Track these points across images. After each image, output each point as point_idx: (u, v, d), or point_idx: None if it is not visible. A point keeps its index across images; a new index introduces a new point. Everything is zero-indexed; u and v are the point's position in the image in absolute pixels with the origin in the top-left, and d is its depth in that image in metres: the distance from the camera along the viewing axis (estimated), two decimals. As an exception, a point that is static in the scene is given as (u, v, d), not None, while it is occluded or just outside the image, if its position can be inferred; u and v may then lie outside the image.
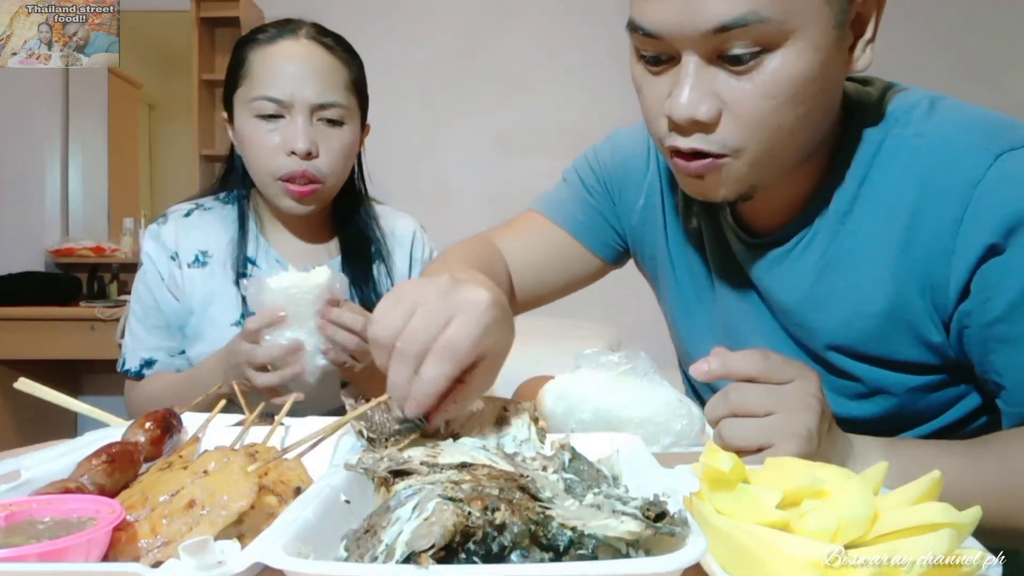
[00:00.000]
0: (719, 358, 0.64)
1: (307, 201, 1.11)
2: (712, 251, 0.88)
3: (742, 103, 0.64)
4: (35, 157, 3.38)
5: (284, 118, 1.08)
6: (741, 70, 0.63)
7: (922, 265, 0.70)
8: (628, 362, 0.76)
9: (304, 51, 1.10)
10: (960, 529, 0.42)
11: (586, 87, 3.26)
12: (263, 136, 1.08)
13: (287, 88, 1.07)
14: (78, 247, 3.35)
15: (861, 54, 0.68)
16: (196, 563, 0.40)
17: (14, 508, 0.48)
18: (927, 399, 0.76)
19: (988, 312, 0.68)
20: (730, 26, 0.61)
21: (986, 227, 0.66)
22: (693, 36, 0.63)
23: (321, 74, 1.09)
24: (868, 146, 0.74)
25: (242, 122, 1.11)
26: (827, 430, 0.64)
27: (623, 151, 0.98)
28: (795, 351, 0.80)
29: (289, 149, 1.07)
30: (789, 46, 0.62)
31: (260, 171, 1.11)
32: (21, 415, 3.06)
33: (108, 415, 0.76)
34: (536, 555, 0.40)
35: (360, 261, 1.20)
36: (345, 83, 1.12)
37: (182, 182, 3.48)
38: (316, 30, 1.13)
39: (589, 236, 1.00)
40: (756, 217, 0.81)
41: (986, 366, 0.71)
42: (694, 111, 0.65)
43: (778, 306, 0.81)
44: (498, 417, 0.65)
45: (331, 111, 1.09)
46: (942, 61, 3.11)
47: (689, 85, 0.64)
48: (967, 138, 0.69)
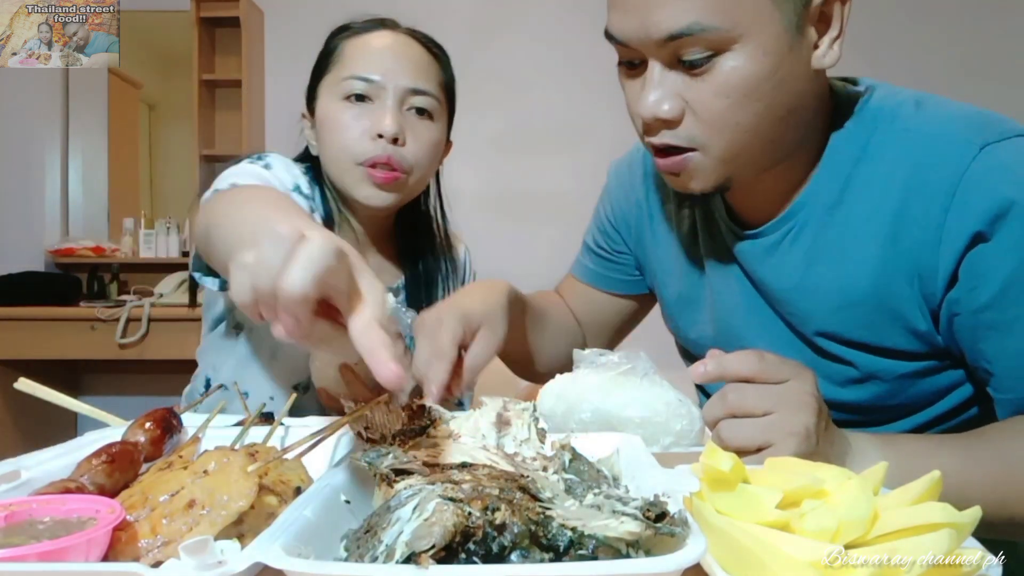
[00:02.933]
0: (715, 360, 0.66)
1: (389, 188, 1.03)
2: (706, 245, 0.91)
3: (701, 102, 0.70)
4: (35, 157, 3.37)
5: (373, 102, 1.03)
6: (697, 72, 0.69)
7: (910, 254, 0.73)
8: (628, 362, 0.76)
9: (401, 40, 1.06)
10: (960, 529, 0.42)
11: (586, 87, 3.26)
12: (349, 120, 1.02)
13: (380, 68, 1.02)
14: (78, 247, 3.35)
15: (828, 51, 0.71)
16: (196, 563, 0.40)
17: (14, 508, 0.48)
18: (917, 386, 0.79)
19: (976, 299, 0.70)
20: (678, 35, 0.67)
21: (972, 216, 0.68)
22: (651, 44, 0.69)
23: (416, 63, 1.05)
24: (856, 141, 0.77)
25: (327, 107, 1.04)
26: (824, 428, 0.64)
27: (617, 186, 1.06)
28: (788, 337, 0.83)
29: (376, 132, 1.01)
30: (739, 49, 0.68)
31: (341, 157, 1.03)
32: (21, 415, 3.06)
33: (108, 415, 0.76)
34: (536, 555, 0.40)
35: (427, 293, 1.13)
36: (438, 79, 1.08)
37: (182, 182, 3.49)
38: (411, 29, 1.10)
39: (613, 284, 1.09)
40: (747, 210, 0.85)
41: (976, 353, 0.73)
42: (657, 110, 0.71)
43: (771, 295, 0.84)
44: (498, 417, 0.65)
45: (422, 99, 1.04)
46: (943, 62, 3.11)
47: (653, 87, 0.71)
48: (952, 131, 0.72)
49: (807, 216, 0.79)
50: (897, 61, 3.03)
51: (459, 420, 0.63)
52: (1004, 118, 0.73)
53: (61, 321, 2.96)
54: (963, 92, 0.76)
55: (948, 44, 3.19)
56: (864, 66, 0.96)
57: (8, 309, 2.93)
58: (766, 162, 0.75)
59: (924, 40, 3.16)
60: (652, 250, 1.00)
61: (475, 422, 0.63)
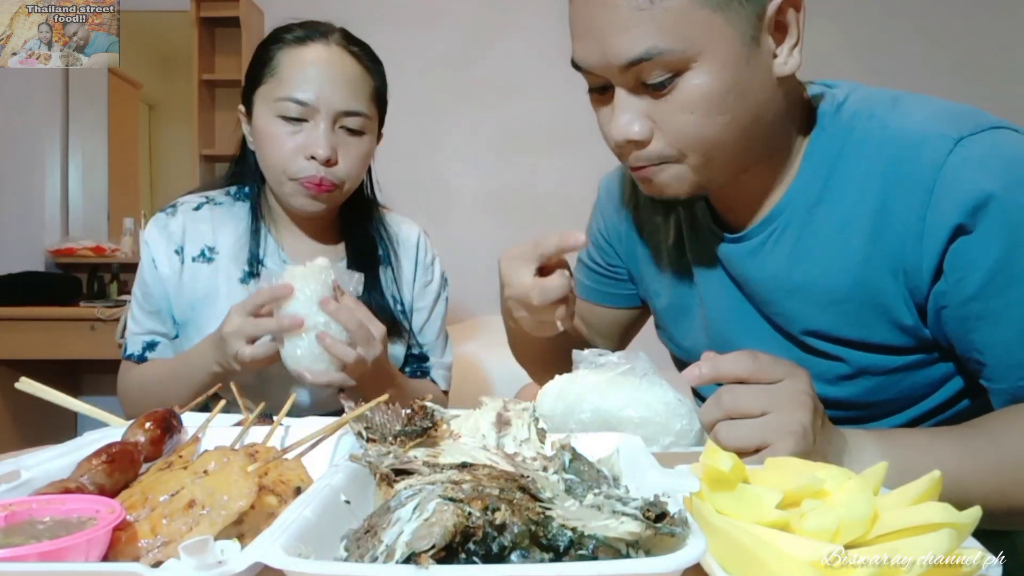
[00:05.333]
0: (709, 362, 0.66)
1: (321, 199, 1.11)
2: (692, 252, 0.92)
3: (667, 121, 0.73)
4: (35, 157, 3.37)
5: (307, 122, 1.08)
6: (661, 93, 0.72)
7: (893, 250, 0.73)
8: (627, 362, 0.76)
9: (334, 57, 1.10)
10: (960, 529, 0.42)
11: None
12: (284, 138, 1.08)
13: (314, 92, 1.07)
14: (78, 247, 3.35)
15: (788, 57, 0.73)
16: (196, 563, 0.40)
17: (14, 508, 0.48)
18: (908, 380, 0.79)
19: (963, 291, 0.70)
20: (637, 60, 0.70)
21: (953, 208, 0.69)
22: (613, 70, 0.72)
23: (348, 82, 1.09)
24: (833, 140, 0.78)
25: (263, 120, 1.10)
26: (821, 426, 0.65)
27: (607, 200, 1.07)
28: (776, 339, 0.84)
29: (309, 154, 1.07)
30: (697, 68, 0.70)
31: (276, 171, 1.10)
32: (21, 415, 3.05)
33: (108, 415, 0.76)
34: (536, 555, 0.40)
35: (367, 265, 1.19)
36: (370, 93, 1.13)
37: (182, 182, 3.48)
38: (345, 37, 1.13)
39: (609, 298, 1.09)
40: (730, 213, 0.86)
41: (967, 345, 0.73)
42: (628, 132, 0.74)
43: (757, 296, 0.84)
44: (498, 417, 0.65)
45: (354, 120, 1.10)
46: (940, 63, 3.11)
47: (620, 111, 0.74)
48: (929, 126, 0.72)
49: (789, 217, 0.80)
50: (892, 64, 3.04)
51: (459, 420, 0.64)
52: (979, 111, 0.73)
53: (61, 321, 2.96)
54: (962, 94, 0.76)
55: (945, 45, 3.19)
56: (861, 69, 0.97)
57: (8, 309, 2.93)
58: (737, 168, 0.77)
59: (919, 42, 3.16)
60: (642, 262, 1.01)
61: (475, 422, 0.64)
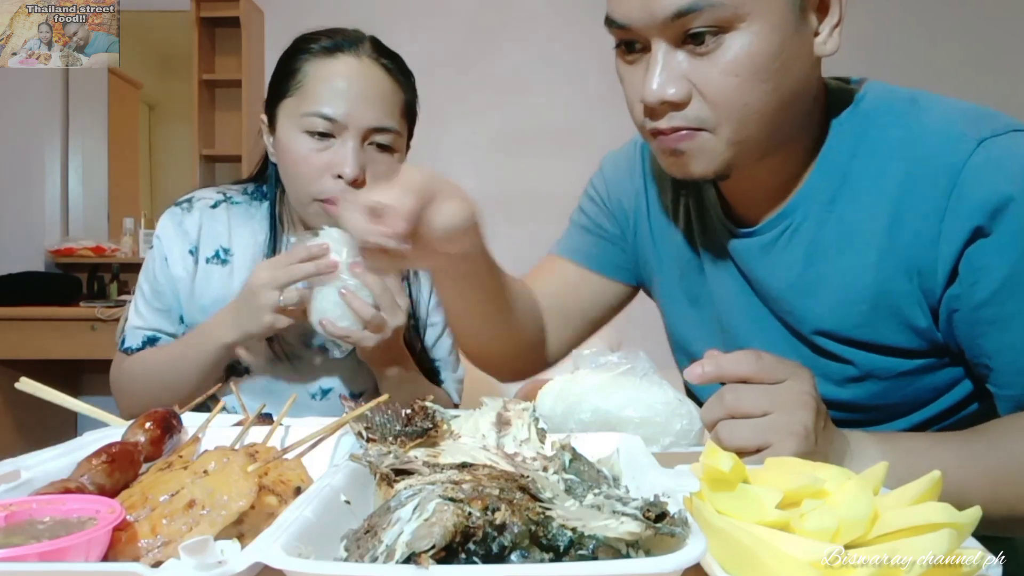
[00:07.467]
0: (712, 360, 0.65)
1: None
2: (702, 244, 0.90)
3: (709, 83, 0.69)
4: (35, 157, 3.37)
5: (334, 138, 1.02)
6: (704, 51, 0.68)
7: (909, 251, 0.72)
8: (627, 362, 0.76)
9: (364, 70, 1.04)
10: (960, 529, 0.42)
11: (586, 88, 3.26)
12: (310, 155, 1.02)
13: (343, 107, 1.01)
14: (78, 247, 3.35)
15: (828, 37, 0.72)
16: (196, 563, 0.40)
17: (14, 508, 0.48)
18: (916, 383, 0.78)
19: (976, 295, 0.70)
20: (687, 11, 0.66)
21: (971, 211, 0.68)
22: (656, 24, 0.68)
23: (379, 97, 1.04)
24: (850, 137, 0.77)
25: (287, 135, 1.04)
26: (823, 427, 0.64)
27: (613, 171, 1.02)
28: (785, 337, 0.83)
29: (336, 172, 1.01)
30: (747, 27, 0.67)
31: (300, 190, 1.05)
32: (21, 415, 3.05)
33: (108, 415, 0.76)
34: (536, 555, 0.40)
35: None
36: (400, 108, 1.07)
37: (182, 182, 3.48)
38: (376, 48, 1.07)
39: (602, 264, 1.01)
40: (742, 206, 0.84)
41: (976, 349, 0.72)
42: (663, 93, 0.69)
43: (767, 294, 0.83)
44: (498, 417, 0.65)
45: (384, 136, 1.04)
46: (948, 58, 3.11)
47: (659, 69, 0.69)
48: (949, 127, 0.71)
49: (804, 214, 0.79)
50: (899, 59, 3.04)
51: (459, 420, 0.63)
52: (1000, 114, 0.72)
53: (61, 321, 2.96)
54: (970, 90, 0.76)
55: (950, 41, 3.19)
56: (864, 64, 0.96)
57: (8, 309, 2.93)
58: (765, 148, 0.74)
59: (926, 38, 3.16)
60: (650, 246, 0.97)
61: (475, 422, 0.63)
